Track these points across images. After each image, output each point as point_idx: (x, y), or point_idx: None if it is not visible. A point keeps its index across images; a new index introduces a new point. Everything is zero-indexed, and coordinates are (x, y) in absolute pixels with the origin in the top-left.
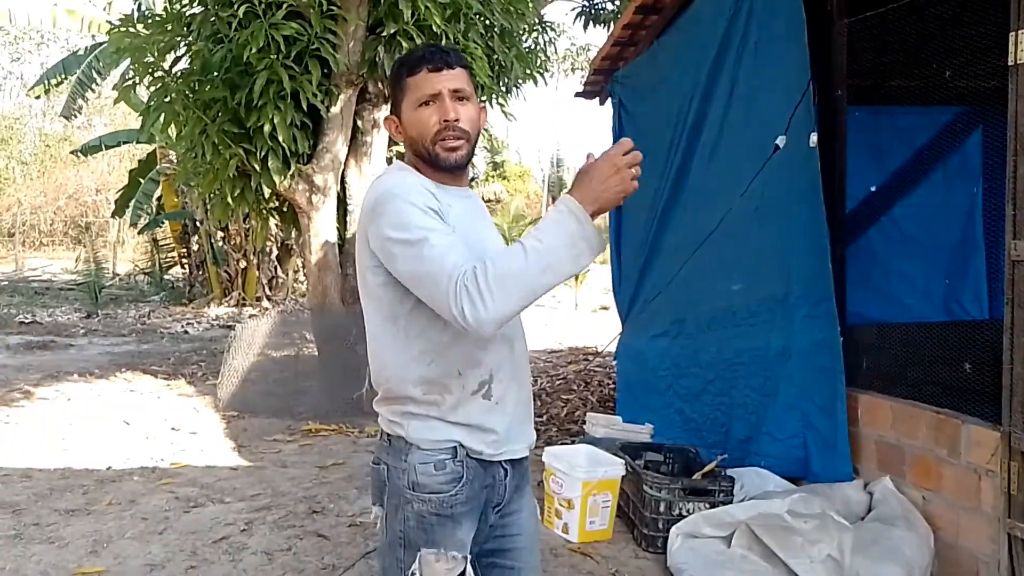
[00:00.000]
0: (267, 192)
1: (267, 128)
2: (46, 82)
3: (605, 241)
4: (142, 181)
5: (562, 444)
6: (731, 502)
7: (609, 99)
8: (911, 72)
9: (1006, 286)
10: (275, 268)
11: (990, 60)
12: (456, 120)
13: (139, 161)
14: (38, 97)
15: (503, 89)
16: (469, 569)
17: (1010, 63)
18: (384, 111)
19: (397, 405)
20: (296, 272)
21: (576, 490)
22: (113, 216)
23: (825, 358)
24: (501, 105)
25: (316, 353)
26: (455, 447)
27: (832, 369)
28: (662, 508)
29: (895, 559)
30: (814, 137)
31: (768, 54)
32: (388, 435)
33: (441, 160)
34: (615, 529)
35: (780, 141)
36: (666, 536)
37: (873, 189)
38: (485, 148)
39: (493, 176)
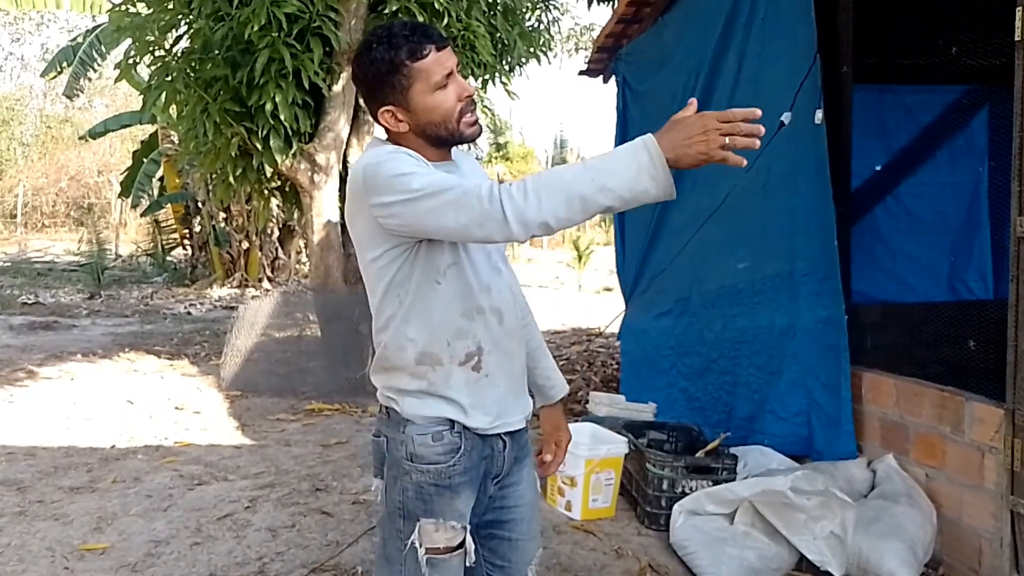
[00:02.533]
0: (269, 171)
1: (268, 107)
2: (59, 65)
3: (672, 187)
4: (145, 162)
5: None
6: (734, 480)
7: (613, 77)
8: (917, 49)
9: (1011, 263)
10: (277, 249)
11: (997, 37)
12: (471, 94)
13: (141, 142)
14: (53, 78)
15: (506, 68)
16: (468, 538)
17: (1016, 39)
18: None
19: (393, 380)
20: (298, 253)
21: (579, 468)
22: (120, 197)
23: (830, 336)
24: (504, 84)
25: (319, 333)
26: (450, 421)
27: (837, 347)
28: (665, 486)
29: (898, 536)
30: (819, 114)
31: (775, 30)
32: (386, 408)
33: (467, 136)
34: (618, 507)
35: (785, 118)
36: (669, 513)
37: (878, 168)
38: (489, 128)
39: (496, 157)
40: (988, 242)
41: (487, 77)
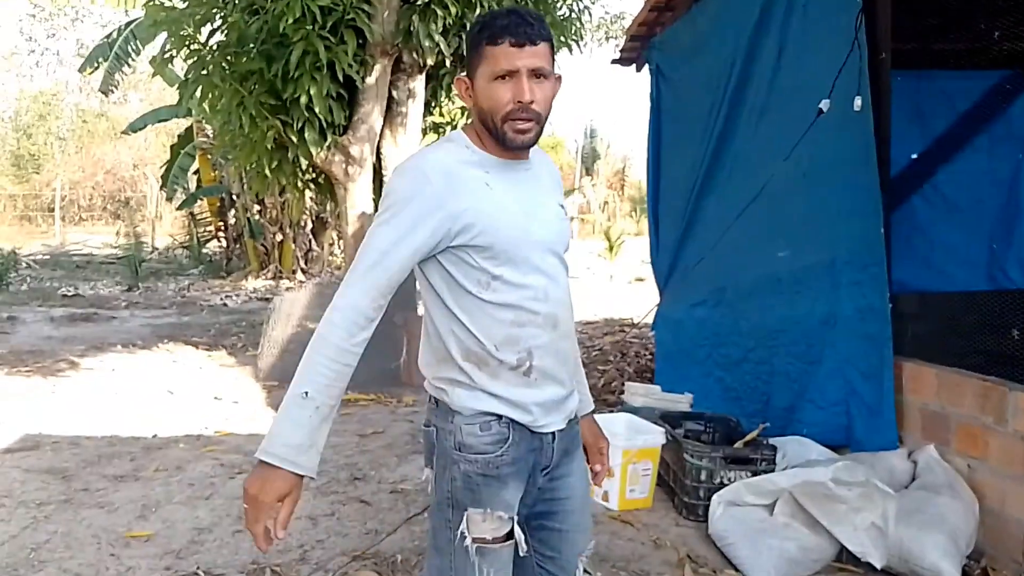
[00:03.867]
0: (304, 163)
1: (303, 99)
2: (95, 61)
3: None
4: (180, 155)
5: (599, 415)
6: (773, 471)
7: (647, 66)
8: (957, 34)
9: None
10: (310, 241)
11: None
12: (531, 102)
13: (178, 136)
14: (90, 72)
15: None
16: (516, 529)
17: None
18: (419, 81)
19: (442, 370)
20: (331, 245)
21: (616, 458)
22: (162, 189)
23: (871, 325)
24: None
25: None
26: (498, 414)
27: (879, 336)
28: (703, 477)
29: (939, 527)
30: (859, 101)
31: (816, 16)
32: (435, 398)
33: (508, 141)
34: (655, 497)
35: (824, 105)
36: (707, 504)
37: (915, 156)
38: None
39: None
40: None
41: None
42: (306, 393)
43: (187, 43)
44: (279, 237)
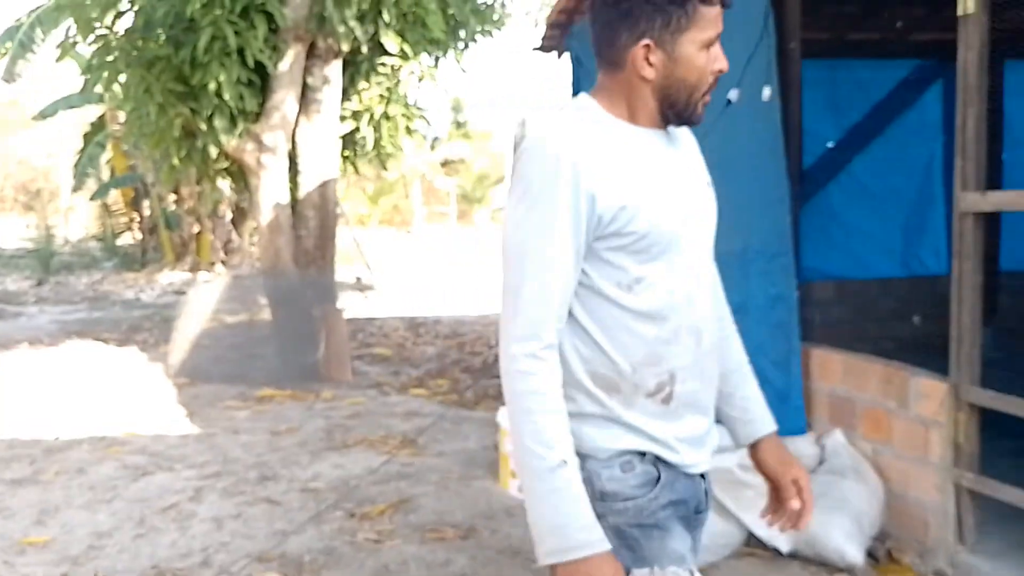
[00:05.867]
0: (214, 152)
1: (212, 86)
2: (3, 47)
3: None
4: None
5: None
6: None
7: (568, 53)
8: (871, 23)
9: (955, 238)
10: (230, 231)
11: (948, 11)
12: (724, 71)
13: (91, 124)
14: None
15: (460, 45)
16: None
17: (959, 13)
18: (334, 67)
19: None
20: (252, 235)
21: None
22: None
23: (780, 313)
24: (458, 60)
25: (270, 318)
26: (639, 452)
27: (787, 324)
28: None
29: (844, 510)
30: (767, 91)
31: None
32: None
33: (696, 119)
34: None
35: (733, 95)
36: None
37: (831, 145)
38: (450, 107)
39: (456, 136)
40: (942, 217)
41: (439, 54)
42: (565, 462)
43: (93, 28)
44: (196, 228)
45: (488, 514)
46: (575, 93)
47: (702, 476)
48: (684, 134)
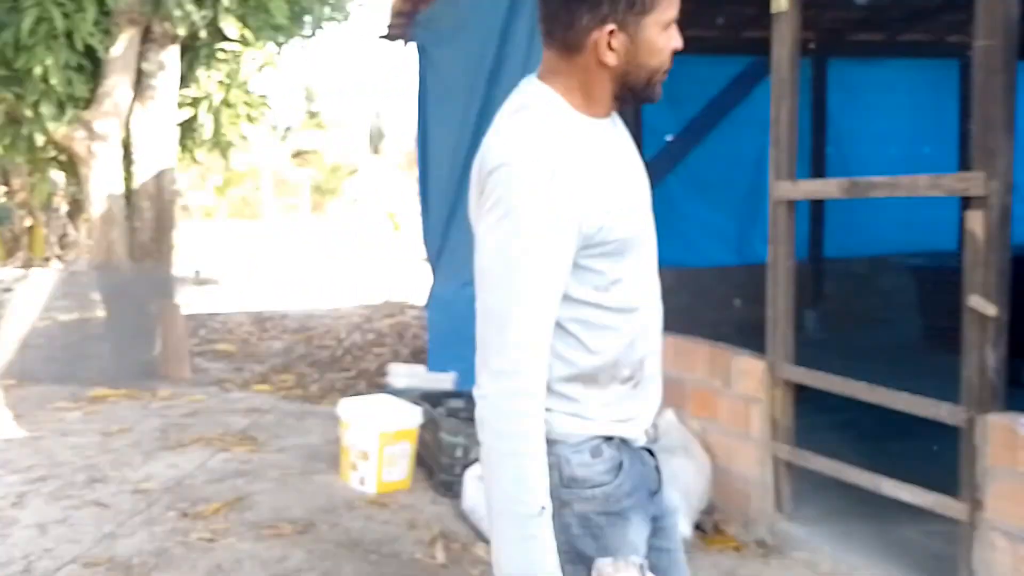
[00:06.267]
0: (41, 140)
1: (38, 70)
2: None
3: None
4: None
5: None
6: None
7: (415, 43)
8: (706, 20)
9: (769, 225)
10: (65, 225)
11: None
12: (679, 50)
13: None
14: None
15: (307, 32)
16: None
17: (773, 11)
18: (171, 53)
19: None
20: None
21: (372, 441)
22: None
23: None
24: (303, 47)
25: (104, 314)
26: (606, 436)
27: None
28: (459, 453)
29: (673, 486)
30: None
31: None
32: None
33: (654, 97)
34: (415, 478)
35: None
36: (462, 480)
37: (670, 138)
38: (303, 96)
39: (309, 125)
40: None
41: (283, 40)
42: (543, 508)
43: None
44: (28, 221)
45: (328, 508)
46: (421, 82)
47: (650, 453)
48: (616, 120)
